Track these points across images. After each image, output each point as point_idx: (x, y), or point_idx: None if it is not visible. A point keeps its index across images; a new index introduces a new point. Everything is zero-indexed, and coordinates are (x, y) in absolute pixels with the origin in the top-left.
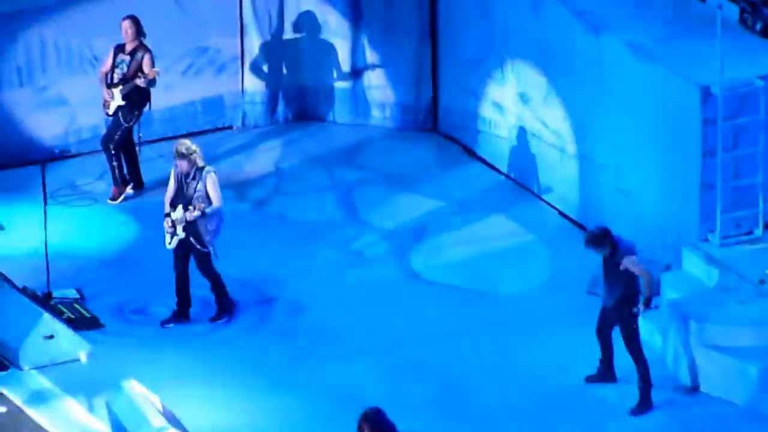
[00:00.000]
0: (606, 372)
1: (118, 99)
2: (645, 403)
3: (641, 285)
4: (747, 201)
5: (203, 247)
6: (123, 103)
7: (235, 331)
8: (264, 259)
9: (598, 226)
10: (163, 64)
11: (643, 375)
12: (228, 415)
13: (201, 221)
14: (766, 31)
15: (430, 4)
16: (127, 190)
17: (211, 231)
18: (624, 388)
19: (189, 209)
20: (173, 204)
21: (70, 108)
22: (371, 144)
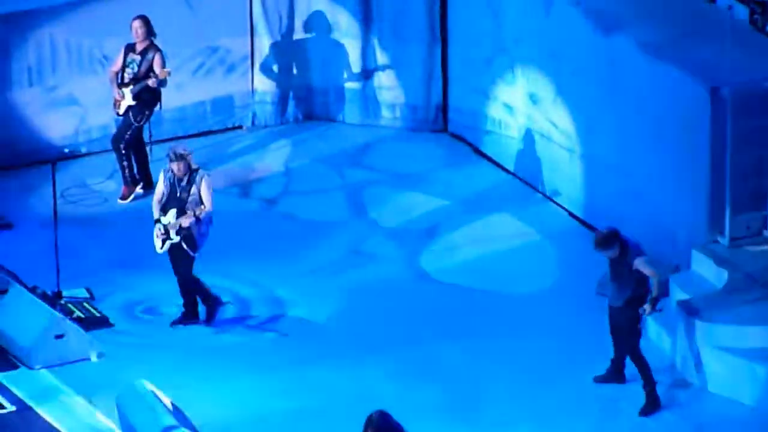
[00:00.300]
0: (616, 372)
1: (129, 99)
2: (653, 403)
3: (651, 286)
4: (756, 203)
5: (193, 250)
6: (133, 103)
7: (245, 331)
8: (273, 258)
9: (607, 227)
10: (173, 64)
11: (644, 374)
12: (238, 415)
13: (194, 225)
14: None
15: (440, 5)
16: (137, 190)
17: (203, 234)
18: (632, 389)
19: (186, 214)
20: (164, 209)
21: (81, 107)
22: (381, 144)
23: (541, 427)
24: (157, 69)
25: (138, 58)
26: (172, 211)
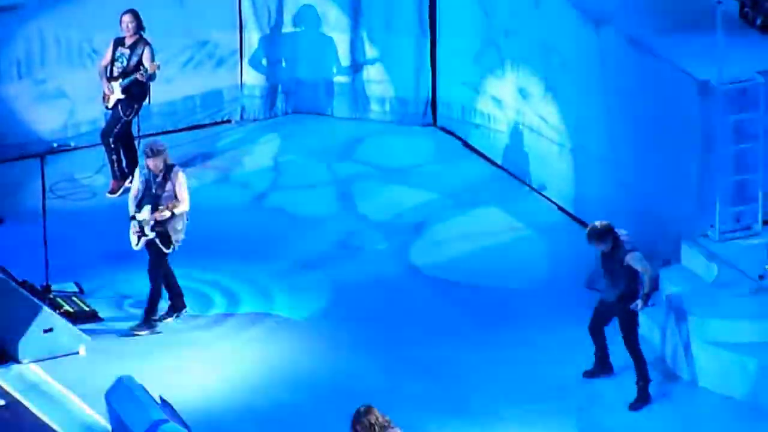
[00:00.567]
0: (602, 366)
1: (118, 93)
2: (643, 398)
3: (642, 282)
4: (746, 196)
5: (166, 247)
6: (123, 97)
7: (235, 325)
8: (262, 253)
9: (601, 221)
10: (162, 57)
11: (641, 370)
12: (227, 409)
13: (169, 222)
14: (767, 26)
15: None
16: (126, 184)
17: (178, 231)
18: (622, 383)
19: (158, 209)
20: (140, 205)
21: (69, 101)
22: (370, 138)
23: (530, 421)
24: (146, 63)
25: (127, 52)
26: (147, 208)
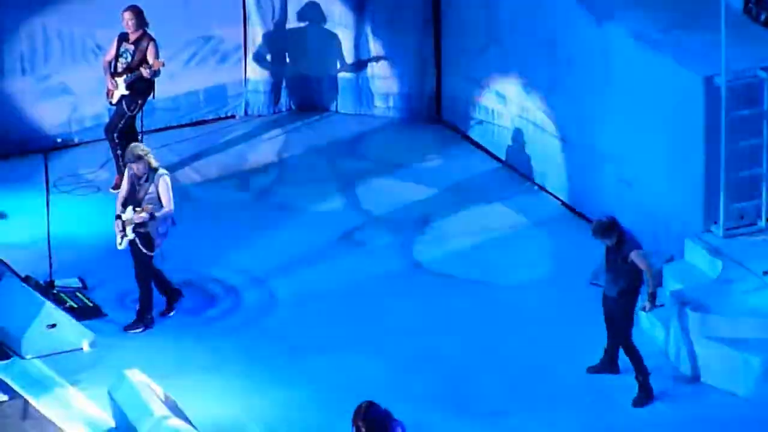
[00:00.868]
0: (609, 362)
1: (122, 88)
2: (646, 394)
3: (646, 281)
4: (750, 192)
5: (149, 250)
6: (127, 93)
7: (237, 321)
8: (266, 248)
9: (606, 216)
10: (166, 53)
11: (637, 366)
12: (229, 405)
13: (152, 224)
14: None
15: None
16: None
17: (161, 234)
18: (625, 379)
19: (137, 211)
20: (125, 205)
21: (73, 97)
22: (374, 134)
23: (534, 417)
24: (150, 59)
25: (131, 47)
26: (130, 208)
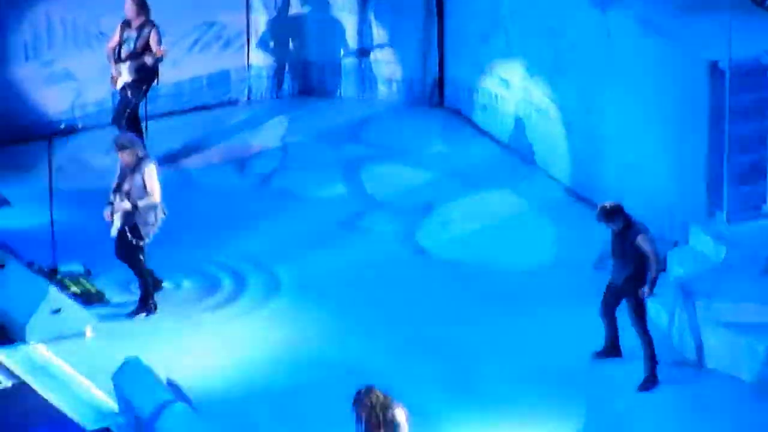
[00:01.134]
0: (611, 348)
1: (126, 75)
2: (651, 380)
3: (649, 265)
4: (755, 177)
5: (137, 239)
6: (130, 79)
7: (241, 307)
8: (269, 234)
9: (612, 201)
10: (169, 39)
11: (648, 352)
12: (233, 390)
13: (137, 214)
14: None
15: None
16: None
17: (149, 224)
18: (630, 365)
19: (122, 201)
20: (115, 193)
21: (77, 82)
22: (377, 119)
23: (538, 402)
24: (152, 45)
25: (134, 34)
26: (118, 197)
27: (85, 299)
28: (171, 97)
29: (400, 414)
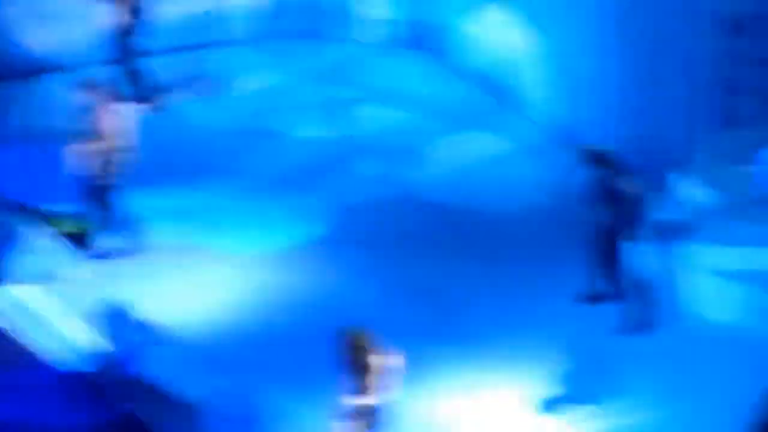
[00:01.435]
0: (600, 292)
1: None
2: (632, 323)
3: (634, 206)
4: (740, 123)
5: (101, 181)
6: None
7: (228, 249)
8: (254, 176)
9: (596, 145)
10: None
11: (630, 295)
12: (221, 332)
13: (104, 156)
14: None
15: None
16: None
17: (111, 164)
18: (612, 308)
19: (86, 143)
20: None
21: (62, 22)
22: (359, 61)
23: (520, 344)
24: None
25: None
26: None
27: (70, 239)
28: (151, 37)
29: (388, 359)
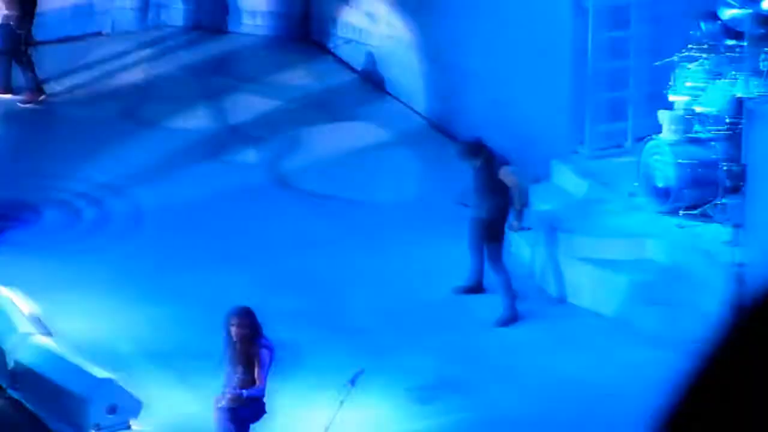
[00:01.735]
0: (476, 283)
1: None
2: (511, 314)
3: (513, 197)
4: (617, 114)
5: None
6: (13, 12)
7: (106, 239)
8: (128, 166)
9: (472, 137)
10: None
11: (505, 286)
12: (96, 322)
13: None
14: None
15: None
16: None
17: None
18: (492, 300)
19: None
20: None
21: None
22: (243, 52)
23: (400, 335)
24: None
25: None
26: None
27: None
28: (35, 27)
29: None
